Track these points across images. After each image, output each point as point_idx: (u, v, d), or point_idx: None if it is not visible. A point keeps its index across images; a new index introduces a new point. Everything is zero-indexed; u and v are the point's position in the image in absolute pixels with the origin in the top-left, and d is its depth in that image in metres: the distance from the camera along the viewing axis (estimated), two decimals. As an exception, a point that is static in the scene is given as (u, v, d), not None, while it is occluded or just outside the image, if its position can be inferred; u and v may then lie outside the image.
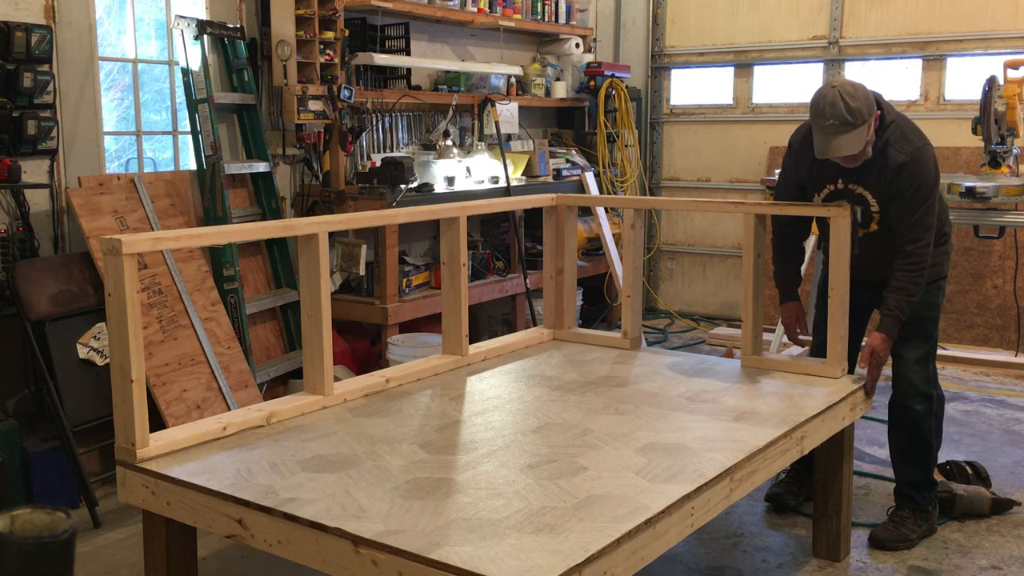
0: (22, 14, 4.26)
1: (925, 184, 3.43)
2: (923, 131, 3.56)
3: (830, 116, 3.32)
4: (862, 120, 3.31)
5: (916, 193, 3.43)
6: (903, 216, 3.47)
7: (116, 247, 2.62)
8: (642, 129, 8.10)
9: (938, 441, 3.89)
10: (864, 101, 3.33)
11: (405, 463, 2.76)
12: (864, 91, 3.39)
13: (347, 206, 5.41)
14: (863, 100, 3.33)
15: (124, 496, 2.79)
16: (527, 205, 4.41)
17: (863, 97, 3.34)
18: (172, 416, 4.23)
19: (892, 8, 7.08)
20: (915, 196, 3.43)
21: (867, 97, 3.36)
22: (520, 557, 2.17)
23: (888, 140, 3.45)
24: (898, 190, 3.45)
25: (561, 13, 7.32)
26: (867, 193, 3.54)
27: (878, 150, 3.45)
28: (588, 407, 3.29)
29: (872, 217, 3.57)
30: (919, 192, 3.43)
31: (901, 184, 3.43)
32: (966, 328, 6.73)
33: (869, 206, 3.56)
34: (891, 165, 3.44)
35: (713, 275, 8.09)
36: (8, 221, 4.22)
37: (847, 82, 3.42)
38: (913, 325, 3.64)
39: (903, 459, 3.82)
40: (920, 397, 3.73)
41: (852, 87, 3.37)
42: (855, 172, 3.52)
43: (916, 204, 3.43)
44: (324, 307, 3.18)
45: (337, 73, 5.35)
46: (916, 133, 3.51)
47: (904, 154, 3.42)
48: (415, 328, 5.61)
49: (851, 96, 3.32)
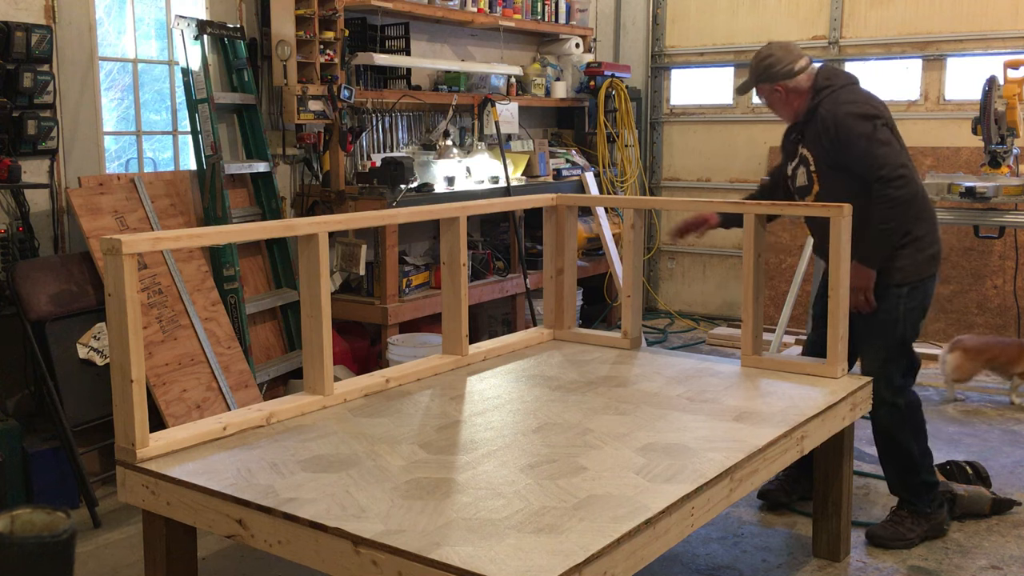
0: (22, 14, 4.26)
1: (848, 119, 3.60)
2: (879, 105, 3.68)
3: (751, 62, 3.87)
4: (756, 78, 3.80)
5: (848, 132, 3.60)
6: (854, 160, 3.61)
7: (116, 247, 2.62)
8: (642, 129, 8.11)
9: (919, 445, 3.77)
10: (779, 69, 3.72)
11: (405, 463, 2.76)
12: (787, 62, 3.73)
13: (347, 206, 5.41)
14: (779, 67, 3.73)
15: (124, 496, 2.79)
16: (527, 205, 4.41)
17: (781, 65, 3.73)
18: (172, 416, 4.23)
19: (892, 8, 7.08)
20: (849, 136, 3.60)
21: (784, 69, 3.72)
22: (520, 557, 2.17)
23: (820, 102, 3.70)
24: (832, 138, 3.65)
25: (561, 13, 7.32)
26: (809, 154, 3.78)
27: (811, 111, 3.73)
28: (588, 407, 3.29)
29: (812, 179, 3.78)
30: (851, 130, 3.59)
31: (834, 132, 3.63)
32: (966, 328, 6.73)
33: (809, 166, 3.78)
34: (820, 121, 3.68)
35: (713, 275, 8.09)
36: (8, 221, 4.22)
37: (780, 45, 3.83)
38: (871, 330, 3.73)
39: (884, 462, 3.84)
40: (885, 405, 3.72)
41: (780, 51, 3.78)
42: (804, 135, 3.80)
43: (853, 142, 3.59)
44: (324, 307, 3.18)
45: (337, 73, 5.35)
46: (856, 95, 3.69)
47: (826, 109, 3.67)
48: (415, 328, 5.61)
49: (766, 56, 3.78)
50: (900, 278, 3.67)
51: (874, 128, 3.58)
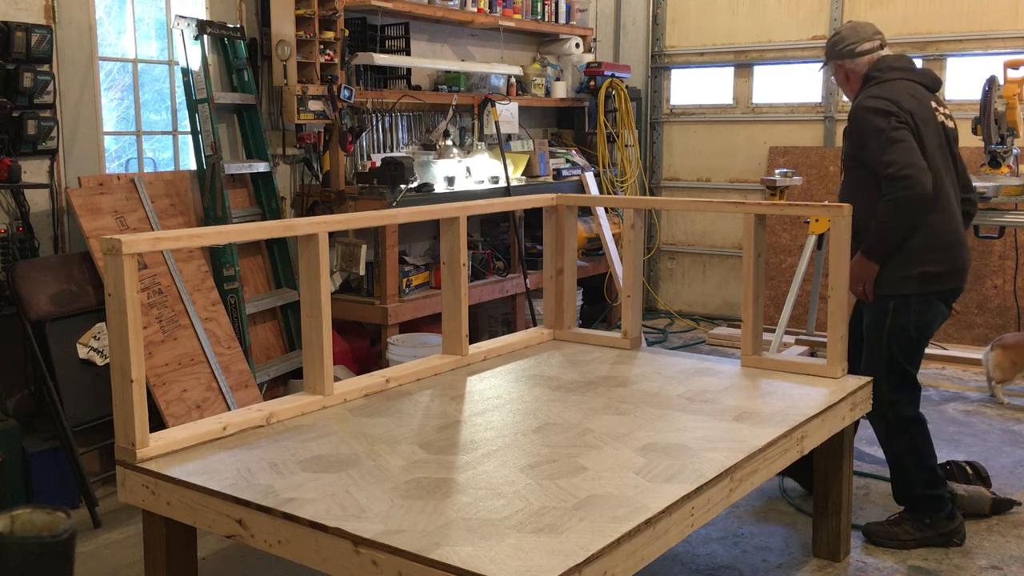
0: (22, 14, 4.26)
1: (866, 114, 3.60)
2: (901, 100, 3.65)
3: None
4: (825, 53, 3.91)
5: (863, 127, 3.61)
6: (868, 155, 3.61)
7: (116, 247, 2.62)
8: (642, 129, 8.11)
9: (914, 460, 3.70)
10: (843, 47, 3.81)
11: (405, 463, 2.76)
12: (850, 41, 3.80)
13: (347, 206, 5.41)
14: (842, 45, 3.81)
15: (124, 496, 2.79)
16: (527, 205, 4.41)
17: (845, 43, 3.81)
18: (172, 416, 4.23)
19: (892, 8, 7.08)
20: (863, 130, 3.61)
21: (846, 48, 3.80)
22: (520, 557, 2.17)
23: (859, 93, 3.78)
24: (851, 131, 3.72)
25: (561, 13, 7.32)
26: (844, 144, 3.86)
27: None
28: (588, 407, 3.29)
29: (841, 169, 3.91)
30: (866, 125, 3.60)
31: (853, 124, 3.69)
32: (966, 328, 6.73)
33: (842, 157, 3.90)
34: (850, 112, 3.76)
35: (713, 275, 8.09)
36: (8, 221, 4.22)
37: (854, 25, 3.87)
38: (866, 337, 3.74)
39: (889, 466, 3.84)
40: (878, 417, 3.72)
41: (849, 30, 3.85)
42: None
43: (867, 137, 3.61)
44: (324, 307, 3.18)
45: (337, 73, 5.35)
46: (884, 90, 3.66)
47: (857, 101, 3.73)
48: (415, 328, 5.61)
49: (836, 33, 3.89)
50: (882, 290, 3.64)
51: (888, 125, 3.52)
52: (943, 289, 3.65)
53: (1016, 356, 5.47)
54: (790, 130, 7.57)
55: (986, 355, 5.60)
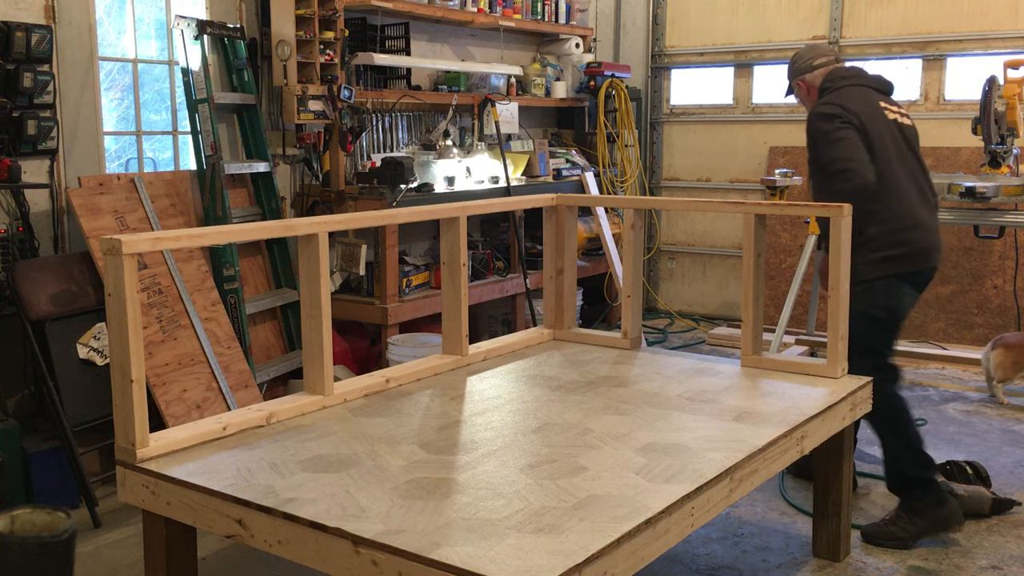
0: (22, 14, 4.26)
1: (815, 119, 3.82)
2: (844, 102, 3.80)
3: None
4: (789, 74, 4.18)
5: (813, 131, 3.82)
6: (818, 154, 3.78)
7: (116, 247, 2.62)
8: (642, 129, 8.11)
9: (897, 440, 3.77)
10: (800, 64, 4.08)
11: (405, 463, 2.76)
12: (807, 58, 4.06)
13: (347, 206, 5.41)
14: (800, 62, 4.08)
15: (124, 496, 2.79)
16: (527, 205, 4.41)
17: (803, 60, 4.07)
18: (172, 416, 4.23)
19: (892, 8, 7.08)
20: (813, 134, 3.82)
21: (804, 64, 4.06)
22: (520, 557, 2.17)
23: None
24: (807, 137, 3.90)
25: (561, 13, 7.32)
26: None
27: None
28: (588, 407, 3.29)
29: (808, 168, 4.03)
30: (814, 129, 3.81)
31: (807, 131, 3.88)
32: (966, 328, 6.73)
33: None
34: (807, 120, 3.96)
35: (713, 275, 8.09)
36: (8, 221, 4.22)
37: (811, 46, 4.11)
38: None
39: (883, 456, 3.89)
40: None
41: (807, 49, 4.13)
42: None
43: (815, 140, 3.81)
44: (324, 307, 3.18)
45: (337, 73, 5.35)
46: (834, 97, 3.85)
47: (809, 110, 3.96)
48: (415, 328, 5.61)
49: (797, 57, 4.14)
50: (857, 274, 3.72)
51: (833, 126, 3.71)
52: (907, 271, 3.79)
53: (1018, 356, 5.47)
54: (790, 130, 7.56)
55: (987, 355, 5.60)
